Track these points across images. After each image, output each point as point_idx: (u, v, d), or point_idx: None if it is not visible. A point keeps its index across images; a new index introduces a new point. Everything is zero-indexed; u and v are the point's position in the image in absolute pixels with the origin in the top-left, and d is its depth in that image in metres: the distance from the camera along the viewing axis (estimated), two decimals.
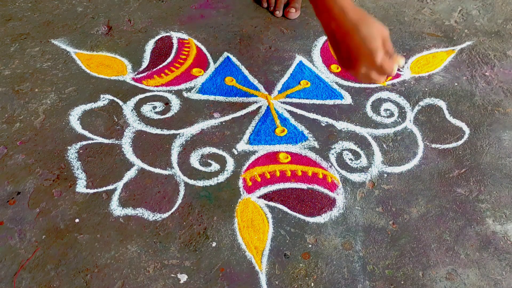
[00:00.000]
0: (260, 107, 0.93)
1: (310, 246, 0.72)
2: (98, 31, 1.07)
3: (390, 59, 0.65)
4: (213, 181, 0.79)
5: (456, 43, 1.10)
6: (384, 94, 0.97)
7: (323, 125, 0.90)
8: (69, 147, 0.82)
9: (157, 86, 0.95)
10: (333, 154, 0.85)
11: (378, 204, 0.78)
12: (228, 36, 1.08)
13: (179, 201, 0.76)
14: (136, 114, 0.89)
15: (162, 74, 0.98)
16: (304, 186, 0.79)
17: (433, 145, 0.87)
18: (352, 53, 0.64)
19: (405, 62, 0.88)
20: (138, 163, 0.81)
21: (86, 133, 0.85)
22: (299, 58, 1.04)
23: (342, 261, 0.70)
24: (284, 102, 0.94)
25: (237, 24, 1.12)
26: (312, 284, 0.67)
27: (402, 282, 0.68)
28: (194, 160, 0.82)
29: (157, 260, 0.69)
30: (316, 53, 1.05)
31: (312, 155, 0.84)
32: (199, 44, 1.06)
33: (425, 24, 1.15)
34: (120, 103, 0.91)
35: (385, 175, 0.82)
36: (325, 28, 0.68)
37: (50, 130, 0.85)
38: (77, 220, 0.73)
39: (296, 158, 0.83)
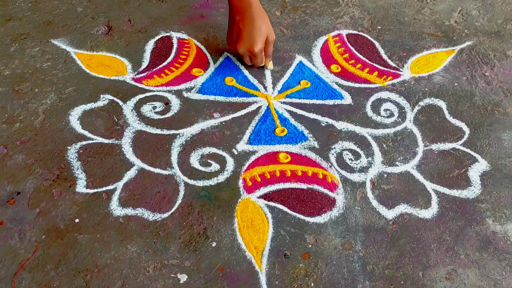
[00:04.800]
0: (260, 107, 0.93)
1: (310, 246, 0.72)
2: (98, 31, 1.07)
3: (263, 55, 0.94)
4: (213, 181, 0.79)
5: (456, 43, 1.10)
6: (384, 94, 0.97)
7: (323, 125, 0.90)
8: (69, 147, 0.82)
9: (157, 86, 0.95)
10: (333, 154, 0.85)
11: (378, 204, 0.78)
12: None
13: (179, 201, 0.76)
14: (136, 114, 0.89)
15: (162, 74, 0.98)
16: (304, 186, 0.79)
17: (433, 145, 0.87)
18: (240, 35, 0.90)
19: (272, 68, 1.00)
20: (138, 163, 0.81)
21: (86, 133, 0.85)
22: (299, 58, 1.04)
23: (342, 261, 0.70)
24: (284, 102, 0.94)
25: None
26: (312, 284, 0.67)
27: (402, 282, 0.68)
28: (194, 160, 0.82)
29: (157, 260, 0.69)
30: (316, 53, 1.05)
31: (312, 155, 0.84)
32: (199, 44, 1.06)
33: (425, 24, 1.15)
34: (120, 103, 0.91)
35: (385, 175, 0.82)
36: (230, 10, 0.91)
37: (50, 130, 0.85)
38: (77, 220, 0.73)
39: (296, 158, 0.83)
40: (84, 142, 0.83)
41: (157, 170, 0.80)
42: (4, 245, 0.69)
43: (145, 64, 1.00)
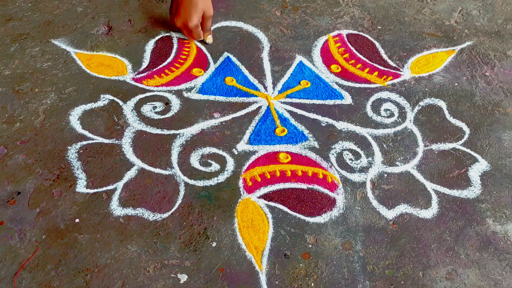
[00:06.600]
0: (260, 107, 0.93)
1: (310, 246, 0.72)
2: (98, 31, 1.07)
3: (199, 31, 0.99)
4: (213, 181, 0.79)
5: (456, 43, 1.10)
6: (384, 94, 0.97)
7: (323, 125, 0.90)
8: (69, 147, 0.82)
9: (157, 86, 0.95)
10: (333, 154, 0.85)
11: (378, 204, 0.78)
12: (228, 36, 1.08)
13: (179, 201, 0.76)
14: (136, 114, 0.89)
15: (162, 74, 0.98)
16: (304, 186, 0.79)
17: (433, 145, 0.87)
18: (179, 9, 0.95)
19: (211, 41, 1.04)
20: (138, 163, 0.81)
21: (86, 133, 0.85)
22: (299, 58, 1.04)
23: (342, 261, 0.70)
24: (284, 102, 0.94)
25: (237, 24, 1.12)
26: (312, 284, 0.67)
27: (402, 282, 0.68)
28: (194, 160, 0.82)
29: (157, 260, 0.69)
30: (316, 53, 1.05)
31: (312, 155, 0.84)
32: (199, 44, 1.06)
33: (425, 24, 1.15)
34: (120, 103, 0.91)
35: (385, 175, 0.82)
36: None
37: (50, 130, 0.85)
38: (77, 220, 0.73)
39: (296, 158, 0.83)
40: (84, 142, 0.83)
41: (157, 170, 0.80)
42: (4, 245, 0.69)
43: (145, 64, 1.00)
